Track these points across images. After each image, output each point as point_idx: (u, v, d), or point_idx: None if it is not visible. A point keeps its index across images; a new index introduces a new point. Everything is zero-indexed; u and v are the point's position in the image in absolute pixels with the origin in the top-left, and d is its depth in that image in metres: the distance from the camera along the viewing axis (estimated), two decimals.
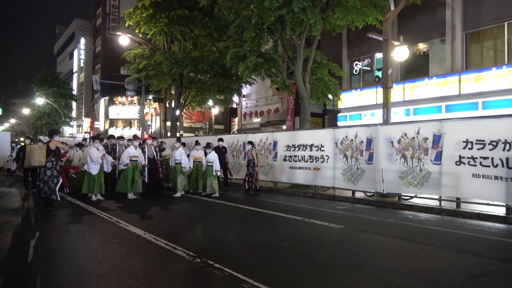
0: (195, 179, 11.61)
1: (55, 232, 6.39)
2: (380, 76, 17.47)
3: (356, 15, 11.71)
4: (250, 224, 7.38)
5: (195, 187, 11.73)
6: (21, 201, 9.88)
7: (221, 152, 12.17)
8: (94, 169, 9.79)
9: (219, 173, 11.39)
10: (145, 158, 10.91)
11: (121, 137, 12.33)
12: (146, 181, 11.02)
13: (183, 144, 12.32)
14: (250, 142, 12.24)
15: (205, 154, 11.55)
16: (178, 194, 10.98)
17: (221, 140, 12.86)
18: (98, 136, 11.49)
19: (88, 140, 14.15)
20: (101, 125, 49.37)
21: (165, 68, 19.80)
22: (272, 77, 15.10)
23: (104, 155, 10.17)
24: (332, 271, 4.32)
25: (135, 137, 11.33)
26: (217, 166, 11.19)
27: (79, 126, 59.05)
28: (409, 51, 13.72)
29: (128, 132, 39.82)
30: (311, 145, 11.72)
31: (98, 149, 10.03)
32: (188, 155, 11.73)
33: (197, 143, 12.03)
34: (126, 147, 11.15)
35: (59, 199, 8.83)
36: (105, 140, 12.25)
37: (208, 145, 11.62)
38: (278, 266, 4.52)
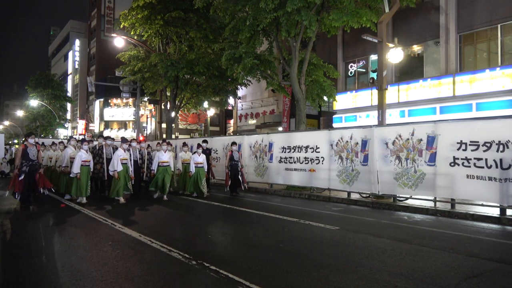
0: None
1: (49, 234, 6.34)
2: (375, 77, 17.56)
3: (350, 16, 11.80)
4: (245, 226, 7.37)
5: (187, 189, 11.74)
6: (17, 203, 9.79)
7: (205, 153, 12.51)
8: (78, 170, 9.69)
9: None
10: (130, 160, 10.75)
11: (108, 137, 11.84)
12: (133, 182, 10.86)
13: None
14: (234, 143, 12.27)
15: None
16: (162, 196, 10.97)
17: (205, 142, 13.09)
18: (83, 139, 11.34)
19: (66, 141, 13.70)
20: (96, 127, 49.16)
21: (160, 70, 19.74)
22: (268, 78, 15.14)
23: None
24: (327, 272, 4.33)
25: (123, 139, 11.04)
26: (205, 167, 11.87)
27: (73, 128, 58.74)
28: (404, 53, 13.79)
29: (123, 134, 39.71)
30: (307, 147, 11.74)
31: (86, 152, 10.01)
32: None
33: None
34: (113, 148, 11.11)
35: (17, 198, 9.17)
36: (94, 142, 12.04)
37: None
38: (274, 267, 4.52)
